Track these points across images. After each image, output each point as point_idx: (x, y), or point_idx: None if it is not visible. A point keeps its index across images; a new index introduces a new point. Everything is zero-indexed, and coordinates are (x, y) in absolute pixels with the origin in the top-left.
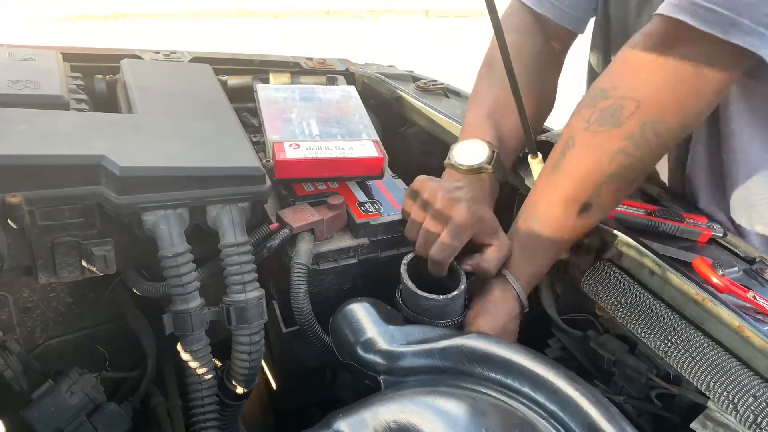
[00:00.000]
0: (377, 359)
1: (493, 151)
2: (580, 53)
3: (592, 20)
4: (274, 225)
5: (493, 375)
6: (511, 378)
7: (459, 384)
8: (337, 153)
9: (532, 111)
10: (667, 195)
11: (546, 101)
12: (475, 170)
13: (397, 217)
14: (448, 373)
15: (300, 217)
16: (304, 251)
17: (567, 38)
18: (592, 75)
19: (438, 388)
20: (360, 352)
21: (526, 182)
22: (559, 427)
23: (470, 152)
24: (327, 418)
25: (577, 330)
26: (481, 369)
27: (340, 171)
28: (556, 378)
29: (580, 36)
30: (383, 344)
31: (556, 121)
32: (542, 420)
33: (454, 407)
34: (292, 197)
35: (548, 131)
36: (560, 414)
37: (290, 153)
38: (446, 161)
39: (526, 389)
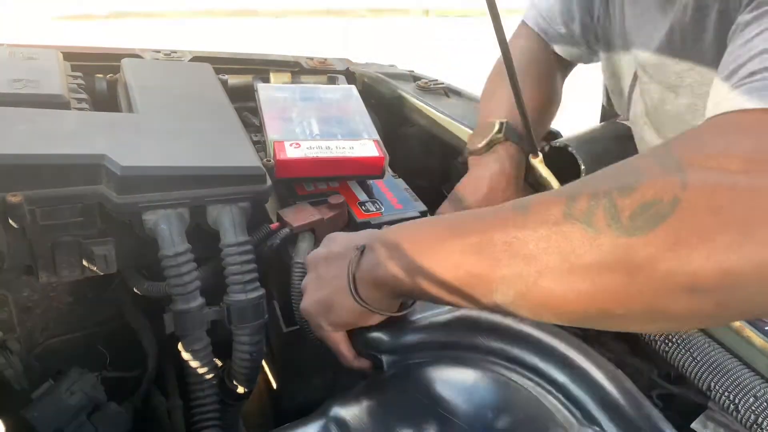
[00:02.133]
0: (380, 335)
1: (502, 123)
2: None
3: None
4: (275, 225)
5: (498, 346)
6: (518, 349)
7: (463, 361)
8: (338, 152)
9: (534, 113)
10: None
11: (550, 104)
12: (488, 145)
13: (398, 216)
14: (452, 348)
15: (300, 216)
16: (304, 251)
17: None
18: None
19: (440, 367)
20: (363, 330)
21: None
22: (569, 404)
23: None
24: (324, 406)
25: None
26: (485, 340)
27: (340, 170)
28: (567, 348)
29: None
30: None
31: (562, 123)
32: (549, 396)
33: (457, 388)
34: (292, 197)
35: (560, 137)
36: (570, 387)
37: (291, 152)
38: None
39: (534, 361)
